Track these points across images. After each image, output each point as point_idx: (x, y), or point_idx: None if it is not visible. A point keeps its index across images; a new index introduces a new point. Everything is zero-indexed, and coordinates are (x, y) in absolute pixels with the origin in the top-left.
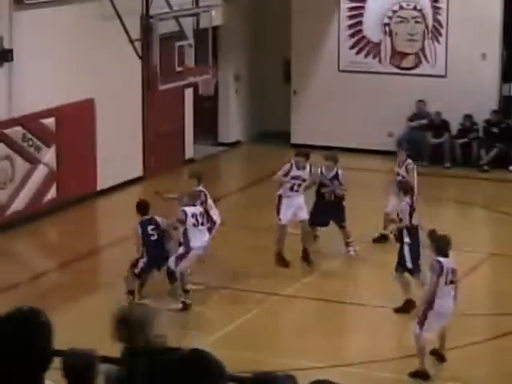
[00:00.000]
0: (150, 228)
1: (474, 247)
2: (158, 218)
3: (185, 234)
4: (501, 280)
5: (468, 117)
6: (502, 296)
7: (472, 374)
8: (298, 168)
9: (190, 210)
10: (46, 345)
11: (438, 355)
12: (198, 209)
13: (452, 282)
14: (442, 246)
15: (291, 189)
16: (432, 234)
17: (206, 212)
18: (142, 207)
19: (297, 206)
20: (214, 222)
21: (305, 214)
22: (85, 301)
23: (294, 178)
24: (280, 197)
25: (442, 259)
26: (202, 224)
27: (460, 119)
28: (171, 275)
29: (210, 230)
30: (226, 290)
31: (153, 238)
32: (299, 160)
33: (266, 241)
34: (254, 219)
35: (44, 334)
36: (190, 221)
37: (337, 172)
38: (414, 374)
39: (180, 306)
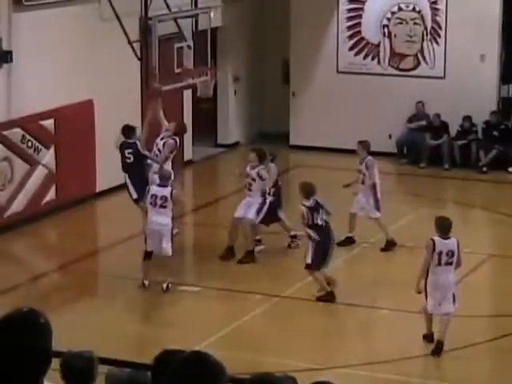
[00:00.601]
0: (126, 152)
1: (474, 248)
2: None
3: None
4: (500, 281)
5: (467, 118)
6: (502, 297)
7: (471, 376)
8: (252, 167)
9: None
10: (46, 346)
11: (430, 339)
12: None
13: (449, 264)
14: (439, 227)
15: (245, 187)
16: (436, 219)
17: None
18: (126, 130)
19: (245, 205)
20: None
21: (249, 214)
22: (84, 302)
23: (246, 176)
24: None
25: (436, 238)
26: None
27: (459, 121)
28: None
29: None
30: (225, 291)
31: (128, 161)
32: (250, 158)
33: (266, 242)
34: None
35: (43, 335)
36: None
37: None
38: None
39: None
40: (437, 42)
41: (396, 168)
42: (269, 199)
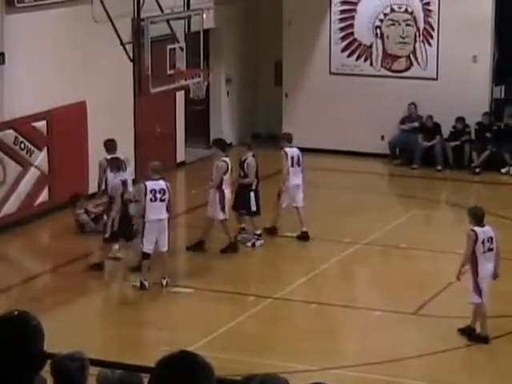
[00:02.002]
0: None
1: None
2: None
3: None
4: (494, 282)
5: (460, 119)
6: (494, 298)
7: (464, 377)
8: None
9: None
10: (37, 348)
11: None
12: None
13: (490, 250)
14: (474, 217)
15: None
16: (468, 210)
17: None
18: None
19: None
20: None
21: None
22: (76, 304)
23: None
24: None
25: (476, 228)
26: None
27: (451, 122)
28: None
29: None
30: (218, 293)
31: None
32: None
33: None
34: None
35: (35, 337)
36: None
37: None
38: (473, 338)
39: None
40: (429, 44)
41: (389, 169)
42: (252, 192)
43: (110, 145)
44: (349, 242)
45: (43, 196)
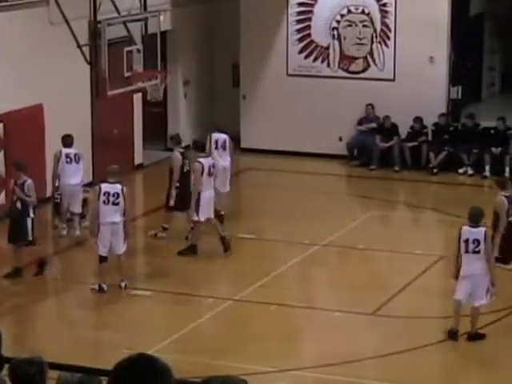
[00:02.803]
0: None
1: (425, 250)
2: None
3: None
4: (451, 282)
5: (418, 119)
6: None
7: (423, 377)
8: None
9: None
10: None
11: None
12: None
13: (476, 252)
14: (468, 215)
15: None
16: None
17: None
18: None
19: None
20: None
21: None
22: (34, 307)
23: None
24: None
25: (464, 227)
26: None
27: (409, 122)
28: None
29: None
30: (177, 295)
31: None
32: None
33: (217, 246)
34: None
35: None
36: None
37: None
38: (449, 333)
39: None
40: (386, 45)
41: (347, 170)
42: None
43: (66, 140)
44: (307, 243)
45: (0, 199)
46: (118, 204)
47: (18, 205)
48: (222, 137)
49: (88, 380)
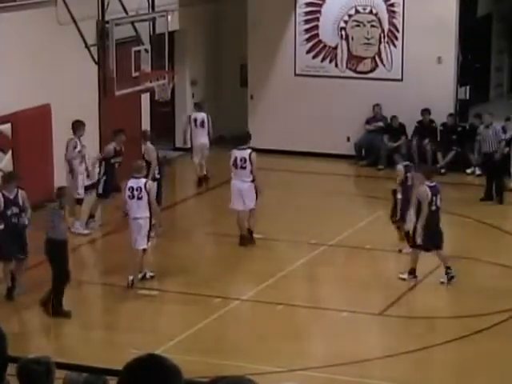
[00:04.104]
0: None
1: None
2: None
3: None
4: (459, 282)
5: (426, 111)
6: (462, 298)
7: (431, 377)
8: None
9: None
10: (0, 353)
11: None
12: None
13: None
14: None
15: None
16: None
17: None
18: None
19: None
20: None
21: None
22: (38, 309)
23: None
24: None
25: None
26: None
27: (416, 121)
28: None
29: None
30: (184, 295)
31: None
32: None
33: (225, 246)
34: (212, 224)
35: None
36: None
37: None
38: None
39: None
40: (394, 45)
41: (354, 170)
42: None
43: (77, 125)
44: (315, 243)
45: None
46: (141, 198)
47: (15, 220)
48: (201, 115)
49: (94, 380)
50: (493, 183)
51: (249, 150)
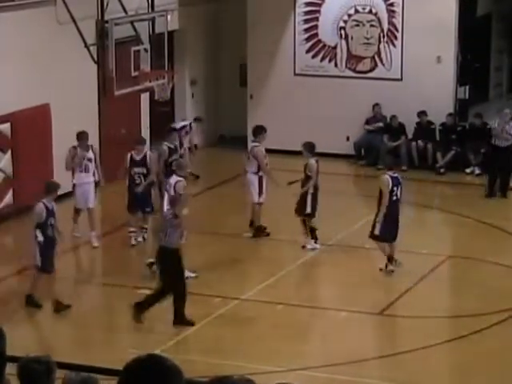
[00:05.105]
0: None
1: (432, 249)
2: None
3: None
4: (458, 282)
5: (423, 113)
6: (459, 298)
7: (429, 377)
8: None
9: None
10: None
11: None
12: None
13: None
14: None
15: None
16: None
17: None
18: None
19: None
20: None
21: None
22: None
23: None
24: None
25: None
26: None
27: (415, 122)
28: None
29: None
30: None
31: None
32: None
33: (226, 245)
34: (211, 224)
35: None
36: None
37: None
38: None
39: None
40: (393, 44)
41: (354, 170)
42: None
43: (81, 136)
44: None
45: (8, 199)
46: (169, 195)
47: (51, 233)
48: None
49: (92, 379)
50: (497, 179)
51: (253, 144)
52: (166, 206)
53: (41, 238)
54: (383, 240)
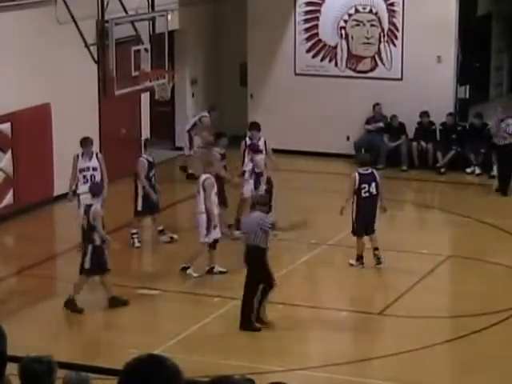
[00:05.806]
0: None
1: (432, 249)
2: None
3: None
4: (458, 282)
5: (425, 113)
6: (460, 298)
7: (430, 377)
8: None
9: None
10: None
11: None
12: None
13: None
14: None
15: None
16: None
17: None
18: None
19: None
20: None
21: None
22: (42, 307)
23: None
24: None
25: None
26: None
27: (416, 122)
28: None
29: None
30: (183, 294)
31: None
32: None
33: (225, 245)
34: None
35: None
36: None
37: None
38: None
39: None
40: (394, 44)
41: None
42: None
43: (84, 142)
44: (315, 242)
45: (8, 199)
46: (199, 193)
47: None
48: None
49: (87, 380)
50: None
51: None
52: (200, 205)
53: (98, 241)
54: (360, 235)
